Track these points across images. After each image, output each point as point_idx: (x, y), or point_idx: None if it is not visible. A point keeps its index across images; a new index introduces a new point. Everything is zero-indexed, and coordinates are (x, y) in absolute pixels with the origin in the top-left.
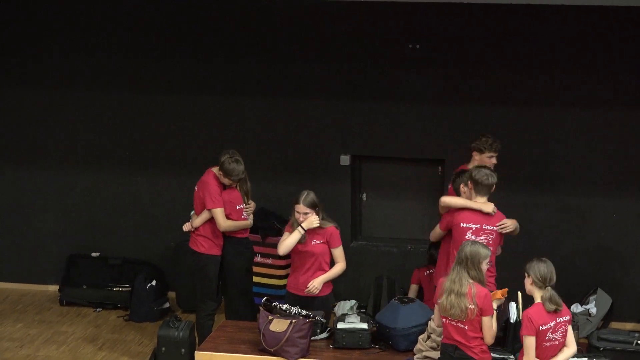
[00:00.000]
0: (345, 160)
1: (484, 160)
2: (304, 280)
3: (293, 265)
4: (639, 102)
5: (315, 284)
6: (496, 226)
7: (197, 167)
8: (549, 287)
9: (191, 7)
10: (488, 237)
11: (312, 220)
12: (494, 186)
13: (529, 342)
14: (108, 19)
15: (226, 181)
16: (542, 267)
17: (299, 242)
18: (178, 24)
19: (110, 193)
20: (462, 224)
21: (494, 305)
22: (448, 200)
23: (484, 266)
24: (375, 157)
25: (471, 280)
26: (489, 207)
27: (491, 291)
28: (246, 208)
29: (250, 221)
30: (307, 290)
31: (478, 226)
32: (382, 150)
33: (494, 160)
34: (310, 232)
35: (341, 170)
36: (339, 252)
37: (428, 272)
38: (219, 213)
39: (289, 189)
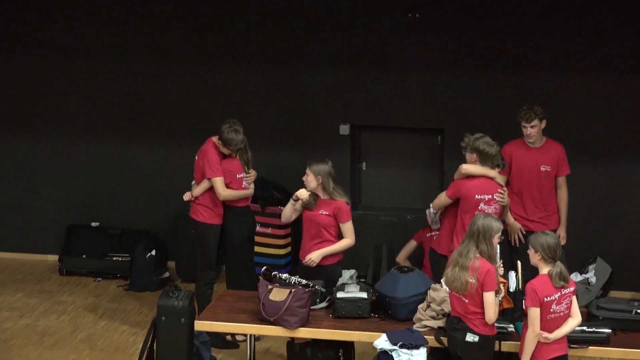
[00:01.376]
0: (344, 129)
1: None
2: (307, 248)
3: (302, 232)
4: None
5: (313, 257)
6: (496, 195)
7: (197, 137)
8: (558, 262)
9: None
10: (497, 208)
11: (302, 191)
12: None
13: (534, 314)
14: None
15: (225, 150)
16: (551, 241)
17: (308, 207)
18: None
19: (110, 163)
20: (476, 196)
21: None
22: (469, 168)
23: (496, 240)
24: (375, 127)
25: (478, 255)
26: (502, 179)
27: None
28: (246, 177)
29: (250, 190)
30: (304, 262)
31: (490, 196)
32: (382, 120)
33: (527, 131)
34: (320, 202)
35: (341, 139)
36: (346, 228)
37: (430, 233)
38: (218, 182)
39: (288, 158)
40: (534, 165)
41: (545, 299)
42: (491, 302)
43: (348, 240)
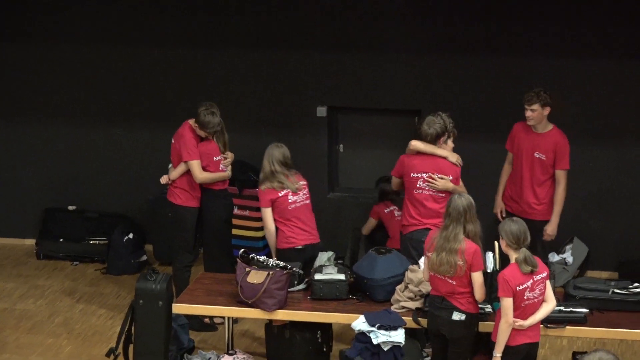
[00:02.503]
0: (321, 111)
1: None
2: None
3: None
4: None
5: None
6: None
7: (174, 120)
8: (523, 249)
9: None
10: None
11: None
12: (444, 135)
13: (506, 304)
14: None
15: (202, 133)
16: (514, 228)
17: None
18: None
19: (87, 146)
20: (412, 174)
21: None
22: (418, 144)
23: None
24: (352, 109)
25: (463, 237)
26: (454, 158)
27: None
28: (223, 160)
29: (227, 173)
30: None
31: (427, 175)
32: (359, 102)
33: (527, 113)
34: None
35: (318, 121)
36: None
37: (388, 209)
38: (195, 165)
39: (266, 141)
40: (529, 149)
41: (517, 287)
42: (480, 282)
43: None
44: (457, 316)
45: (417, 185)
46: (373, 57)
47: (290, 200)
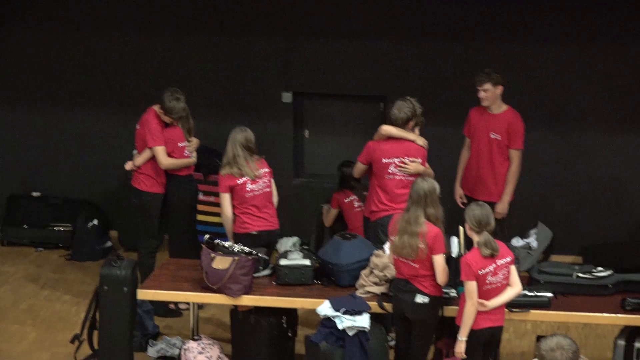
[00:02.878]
0: (287, 97)
1: None
2: None
3: None
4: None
5: None
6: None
7: (139, 105)
8: (485, 232)
9: None
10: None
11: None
12: (413, 119)
13: (470, 287)
14: None
15: (167, 119)
16: (477, 212)
17: None
18: None
19: (51, 132)
20: (383, 159)
21: None
22: (389, 129)
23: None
24: (317, 94)
25: (424, 220)
26: (421, 141)
27: None
28: (188, 145)
29: (192, 159)
30: None
31: (399, 160)
32: (324, 87)
33: (479, 94)
34: None
35: (283, 107)
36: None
37: (348, 199)
38: (160, 151)
39: (231, 127)
40: (485, 131)
41: (479, 271)
42: (442, 265)
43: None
44: (420, 299)
45: (389, 170)
46: (338, 42)
47: (248, 189)
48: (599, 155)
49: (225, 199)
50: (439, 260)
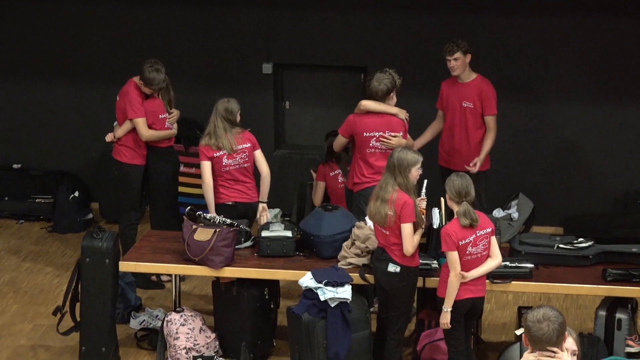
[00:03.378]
0: (267, 68)
1: None
2: None
3: None
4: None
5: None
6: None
7: (119, 77)
8: (464, 202)
9: None
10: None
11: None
12: (393, 91)
13: (452, 257)
14: None
15: (147, 90)
16: (457, 182)
17: None
18: None
19: (31, 104)
20: (365, 133)
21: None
22: (368, 104)
23: (414, 172)
24: (298, 65)
25: (396, 187)
26: (402, 114)
27: None
28: (169, 117)
29: (173, 130)
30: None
31: (380, 134)
32: (305, 58)
33: (450, 64)
34: None
35: (264, 78)
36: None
37: (333, 173)
38: (140, 122)
39: (211, 98)
40: (457, 100)
41: (460, 242)
42: (408, 234)
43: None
44: (392, 268)
45: (370, 144)
46: (319, 13)
47: (224, 163)
48: (579, 125)
49: (206, 167)
50: (405, 228)
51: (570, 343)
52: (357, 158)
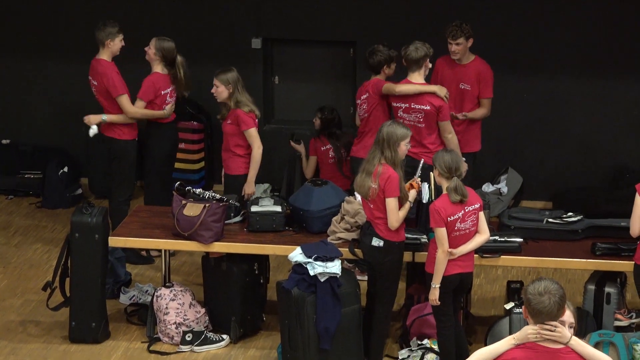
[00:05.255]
0: (256, 43)
1: None
2: (223, 159)
3: None
4: None
5: (246, 190)
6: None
7: None
8: (455, 178)
9: None
10: (419, 116)
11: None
12: (428, 57)
13: (440, 233)
14: None
15: (161, 68)
16: (447, 158)
17: (222, 118)
18: None
19: (20, 79)
20: (394, 103)
21: (410, 197)
22: (403, 88)
23: (403, 147)
24: (287, 40)
25: (383, 161)
26: (442, 91)
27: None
28: (168, 102)
29: (165, 112)
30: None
31: (407, 105)
32: (294, 33)
33: (452, 47)
34: (230, 112)
35: (253, 53)
36: (249, 135)
37: (324, 147)
38: (124, 99)
39: (200, 73)
40: (454, 82)
41: (448, 218)
42: (392, 208)
43: (254, 154)
44: (375, 242)
45: (399, 114)
46: None
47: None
48: (569, 101)
49: (256, 133)
50: (389, 202)
51: (568, 316)
52: None
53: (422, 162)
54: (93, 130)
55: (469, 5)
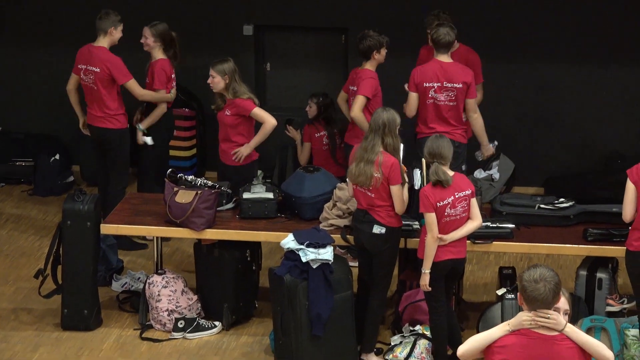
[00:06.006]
0: (248, 30)
1: None
2: (221, 150)
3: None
4: None
5: (242, 150)
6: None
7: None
8: (435, 163)
9: None
10: (451, 94)
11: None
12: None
13: (430, 219)
14: None
15: (161, 53)
16: (429, 143)
17: (218, 109)
18: None
19: (11, 66)
20: (424, 84)
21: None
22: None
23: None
24: (279, 27)
25: (381, 149)
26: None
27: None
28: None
29: (171, 95)
30: (234, 158)
31: (439, 84)
32: (286, 19)
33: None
34: (227, 102)
35: (244, 40)
36: (256, 114)
37: (319, 134)
38: (133, 84)
39: (192, 60)
40: None
41: (438, 203)
42: (399, 195)
43: (266, 125)
44: (377, 229)
45: (429, 95)
46: None
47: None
48: (561, 86)
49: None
50: (395, 190)
51: (562, 303)
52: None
53: (401, 146)
54: (149, 140)
55: None
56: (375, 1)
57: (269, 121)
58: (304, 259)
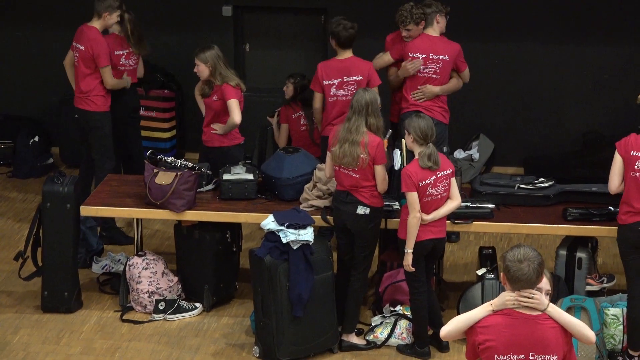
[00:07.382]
0: (227, 10)
1: None
2: (205, 132)
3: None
4: None
5: (217, 128)
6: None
7: (80, 22)
8: (430, 144)
9: None
10: (435, 67)
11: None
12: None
13: (412, 198)
14: None
15: (116, 27)
16: (422, 124)
17: (204, 95)
18: None
19: None
20: (410, 54)
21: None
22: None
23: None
24: (258, 7)
25: (366, 129)
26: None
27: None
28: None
29: (130, 80)
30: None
31: (425, 56)
32: (265, 0)
33: (403, 32)
34: (215, 88)
35: (224, 21)
36: (229, 105)
37: (295, 114)
38: (108, 71)
39: (172, 41)
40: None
41: (420, 183)
42: (382, 175)
43: (230, 120)
44: (361, 210)
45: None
46: None
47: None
48: (539, 66)
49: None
50: (380, 170)
51: (544, 283)
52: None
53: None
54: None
55: None
56: None
57: (233, 118)
58: (284, 240)
